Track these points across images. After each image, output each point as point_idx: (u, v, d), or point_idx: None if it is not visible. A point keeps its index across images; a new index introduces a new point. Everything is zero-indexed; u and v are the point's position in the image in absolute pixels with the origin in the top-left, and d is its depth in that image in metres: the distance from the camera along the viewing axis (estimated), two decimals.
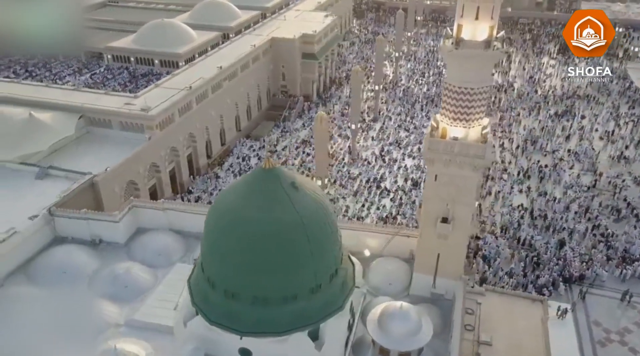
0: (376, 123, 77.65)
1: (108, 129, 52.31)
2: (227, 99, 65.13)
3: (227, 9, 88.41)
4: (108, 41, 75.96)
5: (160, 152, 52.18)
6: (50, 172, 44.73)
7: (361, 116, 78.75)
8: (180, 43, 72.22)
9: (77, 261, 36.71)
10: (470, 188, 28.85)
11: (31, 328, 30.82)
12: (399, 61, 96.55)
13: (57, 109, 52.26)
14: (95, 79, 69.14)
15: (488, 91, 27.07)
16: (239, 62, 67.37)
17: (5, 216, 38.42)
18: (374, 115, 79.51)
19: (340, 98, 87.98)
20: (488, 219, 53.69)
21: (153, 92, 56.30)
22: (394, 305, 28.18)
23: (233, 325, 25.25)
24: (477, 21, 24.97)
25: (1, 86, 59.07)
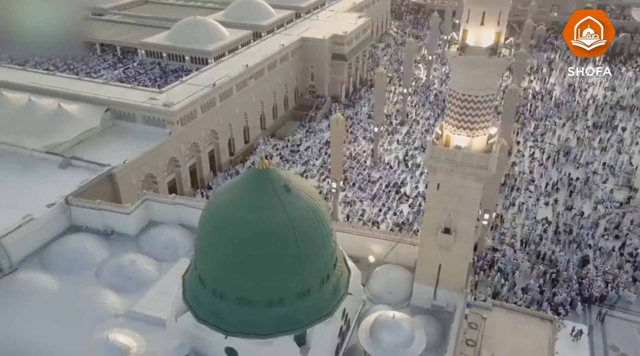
0: (403, 127, 76.57)
1: (132, 123, 53.67)
2: (252, 98, 65.61)
3: (261, 8, 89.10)
4: (145, 37, 77.90)
5: (181, 147, 53.08)
6: (73, 162, 46.28)
7: (388, 119, 77.98)
8: (211, 40, 73.26)
9: (88, 250, 37.78)
10: (473, 198, 27.86)
11: (36, 312, 31.94)
12: (433, 64, 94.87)
13: (86, 101, 54.03)
14: (127, 74, 71.07)
15: (494, 99, 26.05)
16: (266, 61, 67.75)
17: (27, 203, 40.09)
18: (401, 118, 78.40)
19: (369, 100, 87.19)
20: (508, 232, 51.92)
21: (178, 88, 57.34)
22: (387, 314, 27.53)
23: (219, 323, 25.25)
24: (483, 27, 24.04)
25: (37, 77, 61.53)
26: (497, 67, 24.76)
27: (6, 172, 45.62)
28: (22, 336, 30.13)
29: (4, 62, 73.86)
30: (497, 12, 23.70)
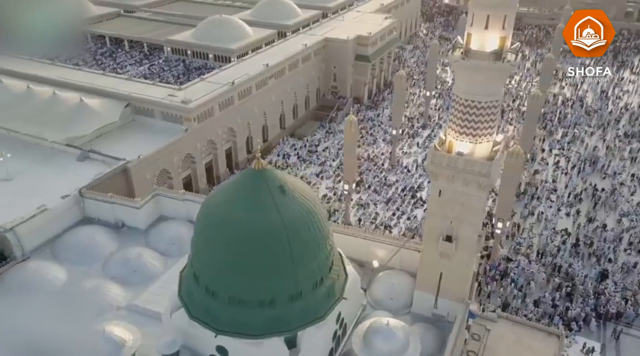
0: (425, 130, 75.52)
1: (151, 119, 54.64)
2: (272, 97, 65.85)
3: (287, 8, 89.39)
4: (172, 34, 79.17)
5: (197, 144, 53.70)
6: (91, 155, 47.40)
7: (410, 121, 77.09)
8: (235, 39, 73.88)
9: (97, 242, 38.58)
10: (475, 207, 27.12)
11: (42, 301, 32.83)
12: None
13: (107, 96, 55.30)
14: (152, 70, 72.41)
15: (498, 105, 25.28)
16: (287, 60, 67.91)
17: (44, 193, 41.26)
18: (423, 121, 77.34)
19: (392, 102, 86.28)
20: (525, 241, 50.46)
21: (197, 86, 58.05)
22: (381, 321, 27.08)
23: (210, 322, 25.36)
24: (487, 31, 23.37)
25: (64, 72, 63.36)
26: (500, 72, 24.01)
27: (28, 162, 47.03)
28: (26, 324, 31.00)
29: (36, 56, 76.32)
30: (501, 16, 22.99)
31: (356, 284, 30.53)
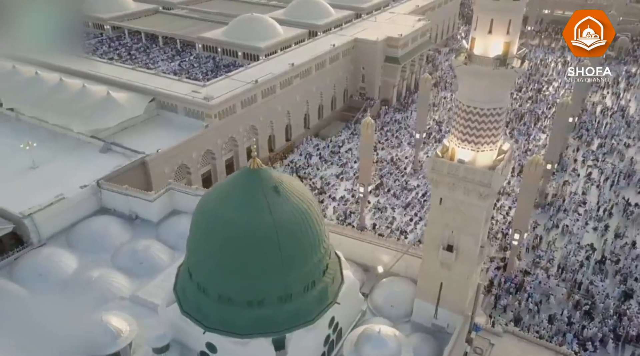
0: None
1: (174, 114, 55.65)
2: (296, 96, 65.90)
3: (319, 8, 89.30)
4: (205, 32, 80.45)
5: (217, 141, 54.31)
6: (113, 147, 48.68)
7: (438, 125, 75.66)
8: (264, 37, 74.34)
9: (110, 232, 39.60)
10: (476, 217, 26.26)
11: (50, 285, 33.96)
12: None
13: (134, 90, 56.68)
14: (182, 66, 73.77)
15: (502, 113, 24.33)
16: (314, 60, 67.77)
17: (65, 182, 42.63)
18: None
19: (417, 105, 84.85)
20: (546, 255, 48.57)
21: (222, 83, 58.74)
22: (373, 328, 26.60)
23: (200, 318, 25.57)
24: (491, 35, 22.54)
25: (96, 65, 65.43)
26: (504, 79, 23.08)
27: (54, 152, 48.72)
28: (34, 308, 32.08)
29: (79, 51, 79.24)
30: (506, 21, 22.12)
31: (353, 289, 30.14)
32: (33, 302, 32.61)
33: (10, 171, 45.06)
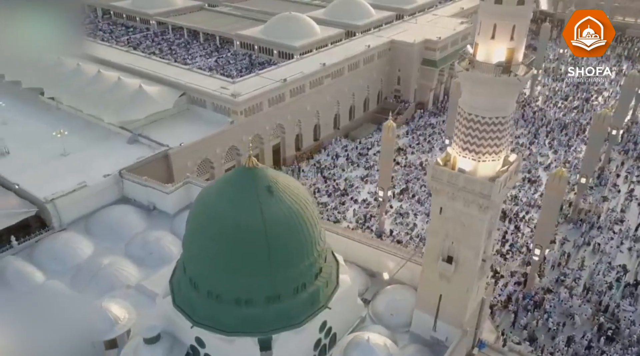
0: None
1: (203, 109, 56.70)
2: (327, 96, 65.64)
3: (360, 8, 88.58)
4: (245, 29, 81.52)
5: (242, 137, 54.83)
6: (140, 139, 50.11)
7: None
8: (300, 37, 74.48)
9: (127, 221, 40.80)
10: (477, 229, 25.20)
11: (64, 269, 35.37)
12: (537, 78, 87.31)
13: (166, 84, 58.14)
14: (219, 63, 75.05)
15: (505, 122, 23.20)
16: (346, 61, 67.27)
17: (92, 170, 44.33)
18: None
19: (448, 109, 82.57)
20: (572, 273, 46.13)
21: (251, 80, 59.29)
22: (362, 336, 26.15)
23: (190, 312, 25.85)
24: (493, 41, 21.52)
25: (134, 59, 67.57)
26: (507, 87, 21.97)
27: (86, 141, 50.69)
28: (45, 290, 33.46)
29: (122, 43, 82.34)
30: (509, 26, 21.04)
31: (350, 294, 29.64)
32: (48, 286, 33.97)
33: (42, 156, 47.26)
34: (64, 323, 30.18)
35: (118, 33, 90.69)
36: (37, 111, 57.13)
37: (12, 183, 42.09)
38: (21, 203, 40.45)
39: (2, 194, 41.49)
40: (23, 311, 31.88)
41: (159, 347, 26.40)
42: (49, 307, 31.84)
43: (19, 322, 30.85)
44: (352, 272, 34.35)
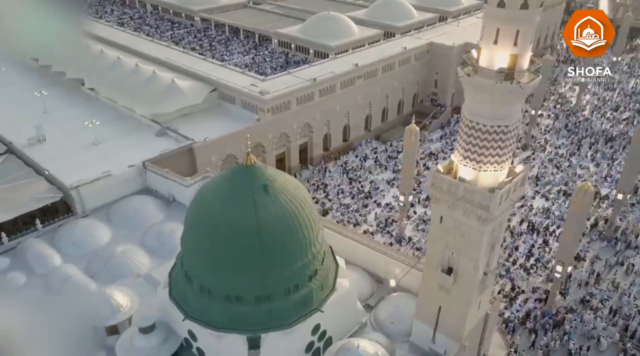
0: (524, 152, 68.87)
1: (232, 105, 57.48)
2: (358, 97, 65.04)
3: (401, 9, 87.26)
4: (285, 27, 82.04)
5: (269, 135, 55.19)
6: (168, 132, 51.37)
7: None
8: (336, 36, 74.15)
9: (146, 212, 41.87)
10: (477, 240, 24.21)
11: (81, 254, 36.69)
12: (586, 86, 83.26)
13: (199, 79, 59.33)
14: (255, 60, 75.85)
15: (507, 132, 22.11)
16: (380, 62, 66.39)
17: (120, 160, 45.87)
18: (525, 142, 70.62)
19: None
20: (600, 294, 43.67)
21: (282, 78, 59.56)
22: (352, 342, 25.66)
23: (183, 305, 26.22)
24: (496, 46, 20.56)
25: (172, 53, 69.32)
26: (510, 95, 20.91)
27: (119, 131, 52.51)
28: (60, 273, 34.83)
29: (165, 38, 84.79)
30: (513, 31, 20.03)
31: (349, 299, 29.22)
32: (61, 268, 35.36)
33: (75, 145, 49.32)
34: (71, 306, 31.32)
35: (163, 28, 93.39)
36: (77, 100, 59.69)
37: (44, 169, 44.11)
38: (49, 188, 42.32)
39: (34, 179, 43.59)
40: (37, 291, 33.37)
41: (154, 337, 26.94)
42: (61, 290, 33.14)
43: (31, 302, 32.32)
44: (358, 277, 34.06)
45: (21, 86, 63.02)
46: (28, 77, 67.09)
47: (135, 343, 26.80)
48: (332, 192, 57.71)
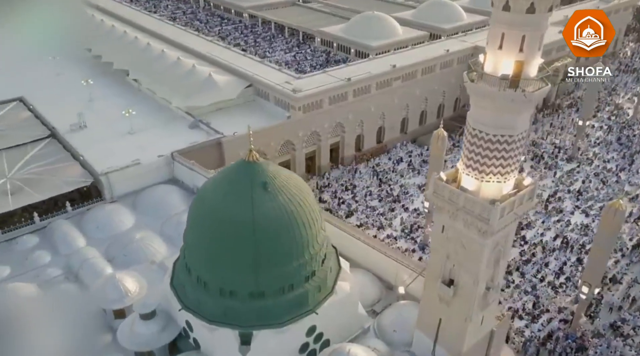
0: (569, 163, 65.50)
1: (266, 101, 58.04)
2: (394, 99, 63.95)
3: (450, 11, 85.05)
4: (331, 26, 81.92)
5: (299, 133, 55.28)
6: (200, 125, 52.54)
7: (557, 150, 67.77)
8: (379, 36, 73.26)
9: (170, 201, 43.02)
10: (476, 254, 23.18)
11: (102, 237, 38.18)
12: None
13: (236, 74, 60.30)
14: (297, 58, 76.25)
15: (512, 142, 20.98)
16: (420, 64, 64.93)
17: (152, 149, 47.36)
18: (571, 153, 67.17)
19: (552, 125, 76.32)
20: (633, 320, 40.90)
21: (317, 77, 59.46)
22: (343, 348, 25.28)
23: (181, 295, 26.73)
24: (500, 51, 19.56)
25: (214, 48, 70.75)
26: (511, 103, 19.81)
27: (155, 121, 54.33)
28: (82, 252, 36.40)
29: (213, 33, 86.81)
30: (518, 36, 19.00)
31: (349, 303, 28.88)
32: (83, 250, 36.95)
33: (112, 132, 51.45)
34: (85, 287, 32.69)
35: (212, 23, 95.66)
36: (120, 90, 62.24)
37: (79, 154, 46.23)
38: (82, 173, 44.32)
39: (69, 164, 45.82)
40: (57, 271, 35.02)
41: (154, 323, 27.65)
42: (79, 271, 34.62)
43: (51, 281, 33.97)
44: (365, 281, 33.56)
45: (72, 74, 66.35)
46: (79, 66, 70.65)
47: (136, 328, 27.58)
48: (359, 193, 57.12)
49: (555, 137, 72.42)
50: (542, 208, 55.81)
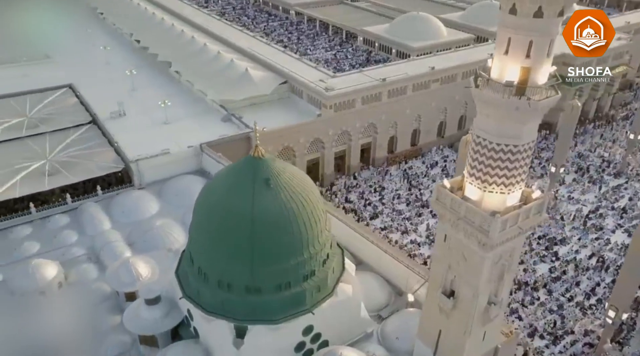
0: (617, 179, 61.97)
1: (299, 98, 58.19)
2: (432, 102, 62.54)
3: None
4: (375, 25, 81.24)
5: (329, 131, 55.10)
6: (232, 118, 53.40)
7: (605, 163, 64.33)
8: (421, 37, 71.83)
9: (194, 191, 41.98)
10: (477, 266, 22.27)
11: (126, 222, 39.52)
12: None
13: (272, 70, 60.80)
14: (337, 56, 76.01)
15: (517, 152, 19.97)
16: (460, 67, 63.08)
17: (184, 139, 48.48)
18: (619, 168, 63.52)
19: (603, 137, 72.48)
20: None
21: (352, 76, 59.01)
22: (336, 350, 25.00)
23: (184, 284, 27.29)
24: (506, 57, 18.63)
25: (254, 43, 71.58)
26: (516, 111, 18.83)
27: (190, 112, 55.72)
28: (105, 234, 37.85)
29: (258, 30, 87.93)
30: (525, 41, 18.01)
31: (351, 306, 28.57)
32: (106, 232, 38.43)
33: (149, 122, 53.19)
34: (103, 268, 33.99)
35: (259, 19, 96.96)
36: (162, 81, 64.19)
37: (115, 141, 48.05)
38: (115, 159, 46.04)
39: (105, 149, 47.69)
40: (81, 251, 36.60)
41: (157, 309, 28.38)
42: (100, 252, 36.04)
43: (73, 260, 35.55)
44: (373, 285, 33.07)
45: (120, 64, 69.01)
46: (128, 56, 73.46)
47: (141, 312, 28.39)
48: (387, 196, 56.33)
49: (604, 150, 68.67)
50: (581, 224, 53.11)
